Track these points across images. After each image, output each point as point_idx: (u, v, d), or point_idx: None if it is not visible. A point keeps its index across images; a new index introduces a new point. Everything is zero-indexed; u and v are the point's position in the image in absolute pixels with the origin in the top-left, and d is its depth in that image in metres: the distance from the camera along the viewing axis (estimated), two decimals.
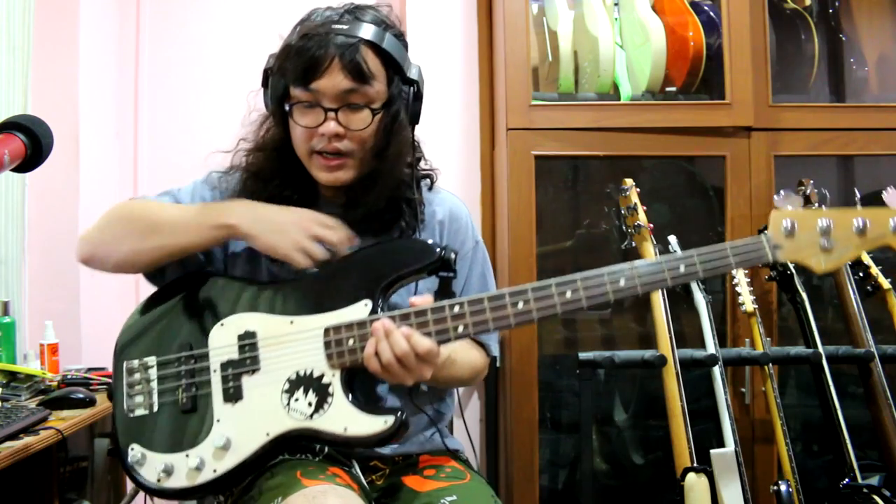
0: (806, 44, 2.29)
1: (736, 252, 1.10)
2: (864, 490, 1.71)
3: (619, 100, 2.21)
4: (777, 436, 1.85)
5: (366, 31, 1.18)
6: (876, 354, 1.83)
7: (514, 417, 2.09)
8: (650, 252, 1.88)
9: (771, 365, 1.89)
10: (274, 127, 1.29)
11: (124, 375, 1.20)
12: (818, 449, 2.27)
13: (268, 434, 1.12)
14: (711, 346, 1.87)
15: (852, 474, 1.74)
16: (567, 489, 2.32)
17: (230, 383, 1.15)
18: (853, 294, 1.90)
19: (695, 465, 1.71)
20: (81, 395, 1.76)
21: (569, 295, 1.09)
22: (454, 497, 1.18)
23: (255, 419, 1.13)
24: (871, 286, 1.98)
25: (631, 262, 1.11)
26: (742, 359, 1.92)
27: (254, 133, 1.32)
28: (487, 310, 1.10)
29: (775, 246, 1.09)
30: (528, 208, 2.08)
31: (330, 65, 1.17)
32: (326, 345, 1.13)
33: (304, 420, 1.11)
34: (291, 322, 1.16)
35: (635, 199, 1.93)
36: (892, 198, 1.15)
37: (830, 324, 2.20)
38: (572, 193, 2.50)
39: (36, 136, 0.93)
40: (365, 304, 1.14)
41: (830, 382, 1.83)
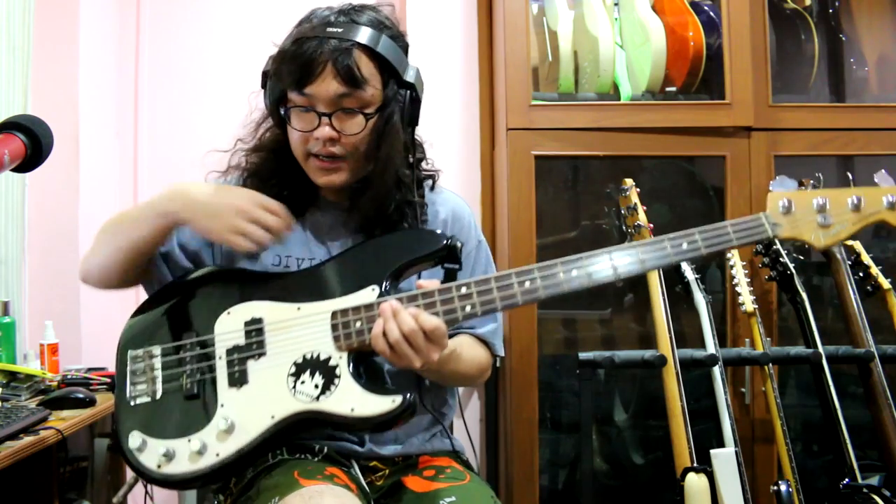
0: (806, 44, 2.29)
1: (737, 229, 1.11)
2: (864, 490, 1.71)
3: (619, 100, 2.21)
4: (777, 436, 1.86)
5: (360, 35, 1.18)
6: (876, 354, 1.83)
7: (514, 417, 2.09)
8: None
9: (771, 365, 1.89)
10: (272, 128, 1.30)
11: (128, 364, 1.18)
12: (818, 449, 2.27)
13: (273, 417, 1.09)
14: (711, 346, 1.87)
15: (852, 474, 1.74)
16: (567, 489, 2.32)
17: (235, 367, 1.13)
18: (853, 294, 1.90)
19: (695, 465, 1.71)
20: (81, 395, 1.76)
21: (574, 273, 1.10)
22: (454, 498, 1.18)
23: (260, 403, 1.10)
24: (871, 286, 1.99)
25: (633, 242, 1.12)
26: (742, 359, 1.92)
27: (252, 133, 1.32)
28: (494, 289, 1.10)
29: (774, 224, 1.12)
30: (528, 208, 2.08)
31: (323, 70, 1.16)
32: (333, 327, 1.12)
33: (310, 402, 1.08)
34: (298, 308, 1.15)
35: (635, 199, 1.93)
36: (884, 178, 1.17)
37: (830, 324, 2.20)
38: (572, 193, 2.50)
39: (36, 136, 0.93)
40: (372, 290, 1.14)
41: (830, 382, 1.83)
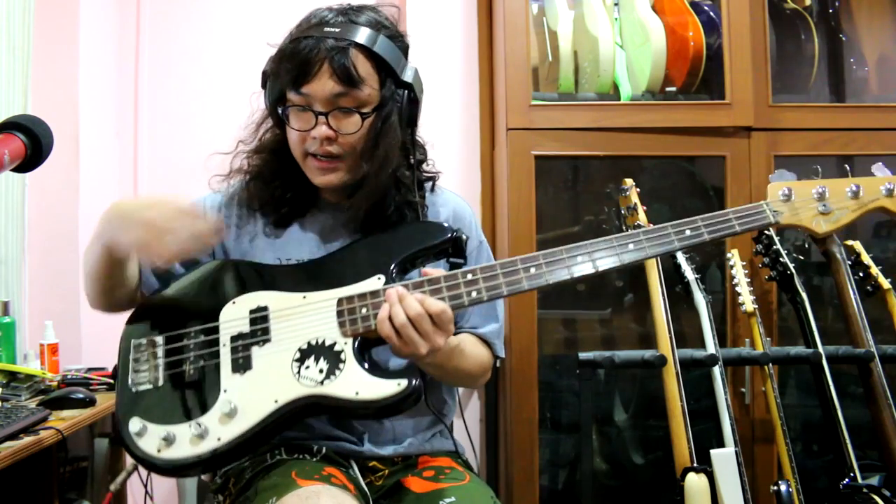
0: (806, 44, 2.29)
1: (739, 216, 1.14)
2: (864, 490, 1.71)
3: (619, 100, 2.21)
4: (777, 436, 1.86)
5: (357, 34, 1.18)
6: (876, 354, 1.82)
7: (514, 417, 2.09)
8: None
9: (771, 365, 1.89)
10: (272, 129, 1.30)
11: (131, 352, 1.17)
12: (818, 449, 2.27)
13: (276, 401, 1.07)
14: (711, 346, 1.87)
15: (852, 474, 1.74)
16: (567, 489, 2.32)
17: (239, 354, 1.12)
18: (853, 294, 1.90)
19: (695, 465, 1.71)
20: (81, 395, 1.76)
21: (579, 259, 1.12)
22: (454, 498, 1.18)
23: (264, 388, 1.09)
24: (871, 286, 1.99)
25: (638, 230, 1.14)
26: (742, 359, 1.92)
27: (252, 135, 1.32)
28: (500, 275, 1.11)
29: (775, 211, 1.14)
30: (528, 208, 2.08)
31: (320, 69, 1.16)
32: (339, 314, 1.12)
33: (314, 386, 1.07)
34: (304, 297, 1.15)
35: (635, 199, 1.93)
36: (881, 170, 1.20)
37: (830, 324, 2.20)
38: (572, 193, 2.50)
39: (36, 136, 0.93)
40: (378, 278, 1.15)
41: (830, 382, 1.83)
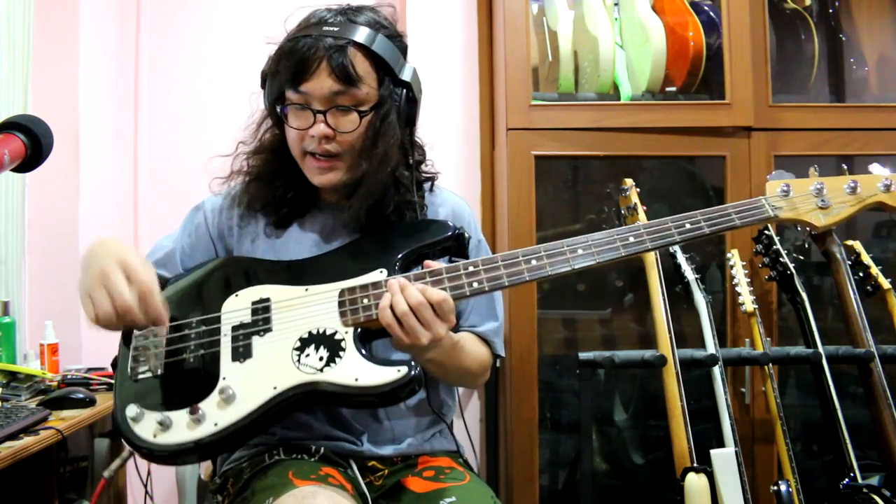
0: (806, 44, 2.29)
1: (738, 211, 1.15)
2: (864, 490, 1.71)
3: (619, 100, 2.21)
4: (777, 436, 1.86)
5: (356, 33, 1.18)
6: (876, 354, 1.82)
7: (514, 417, 2.09)
8: (650, 252, 1.87)
9: (771, 365, 1.89)
10: (272, 129, 1.30)
11: (132, 342, 1.16)
12: (818, 449, 2.27)
13: (275, 388, 1.07)
14: (711, 346, 1.87)
15: (852, 474, 1.74)
16: (567, 489, 2.32)
17: (240, 342, 1.13)
18: (853, 294, 1.90)
19: (695, 465, 1.71)
20: (81, 395, 1.77)
21: (580, 252, 1.13)
22: (454, 498, 1.18)
23: (263, 375, 1.09)
24: (871, 286, 1.99)
25: (638, 223, 1.15)
26: (742, 359, 1.92)
27: (252, 135, 1.32)
28: (501, 267, 1.12)
29: (774, 206, 1.15)
30: (528, 208, 2.08)
31: (318, 67, 1.17)
32: (340, 304, 1.13)
33: (313, 374, 1.07)
34: (306, 290, 1.16)
35: (635, 199, 1.93)
36: (878, 169, 1.22)
37: (830, 324, 2.20)
38: (572, 193, 2.50)
39: (36, 136, 0.93)
40: (380, 272, 1.15)
41: (830, 382, 1.83)
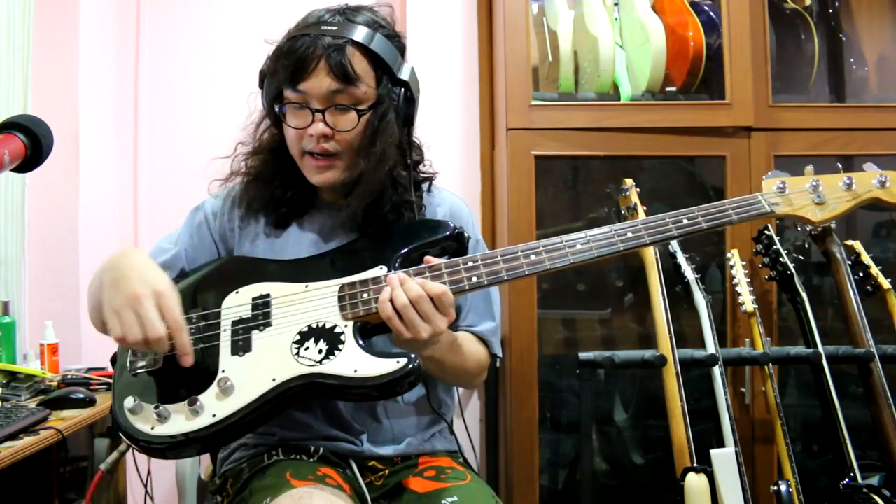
0: (806, 44, 2.29)
1: (735, 207, 1.17)
2: (864, 490, 1.71)
3: (619, 100, 2.21)
4: (777, 436, 1.85)
5: (354, 32, 1.18)
6: (876, 354, 1.82)
7: (514, 417, 2.09)
8: (650, 252, 1.88)
9: (771, 365, 1.89)
10: (270, 128, 1.30)
11: None
12: (818, 449, 2.27)
13: (274, 380, 1.07)
14: (711, 346, 1.87)
15: (852, 474, 1.74)
16: (567, 489, 2.32)
17: (239, 337, 1.13)
18: (853, 294, 1.90)
19: (695, 465, 1.71)
20: (81, 395, 1.76)
21: (579, 247, 1.14)
22: (455, 498, 1.18)
23: (262, 368, 1.09)
24: (871, 286, 1.99)
25: (636, 219, 1.16)
26: (742, 359, 1.92)
27: (251, 136, 1.33)
28: (500, 262, 1.14)
29: (771, 202, 1.16)
30: (528, 208, 2.08)
31: (316, 66, 1.17)
32: (340, 299, 1.14)
33: (313, 366, 1.07)
34: (306, 286, 1.17)
35: (635, 199, 1.93)
36: (872, 168, 1.25)
37: (830, 324, 2.20)
38: (572, 193, 2.50)
39: (36, 136, 0.93)
40: (380, 269, 1.16)
41: (830, 382, 1.83)
